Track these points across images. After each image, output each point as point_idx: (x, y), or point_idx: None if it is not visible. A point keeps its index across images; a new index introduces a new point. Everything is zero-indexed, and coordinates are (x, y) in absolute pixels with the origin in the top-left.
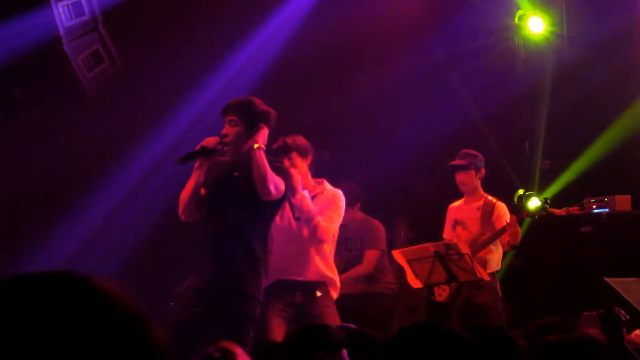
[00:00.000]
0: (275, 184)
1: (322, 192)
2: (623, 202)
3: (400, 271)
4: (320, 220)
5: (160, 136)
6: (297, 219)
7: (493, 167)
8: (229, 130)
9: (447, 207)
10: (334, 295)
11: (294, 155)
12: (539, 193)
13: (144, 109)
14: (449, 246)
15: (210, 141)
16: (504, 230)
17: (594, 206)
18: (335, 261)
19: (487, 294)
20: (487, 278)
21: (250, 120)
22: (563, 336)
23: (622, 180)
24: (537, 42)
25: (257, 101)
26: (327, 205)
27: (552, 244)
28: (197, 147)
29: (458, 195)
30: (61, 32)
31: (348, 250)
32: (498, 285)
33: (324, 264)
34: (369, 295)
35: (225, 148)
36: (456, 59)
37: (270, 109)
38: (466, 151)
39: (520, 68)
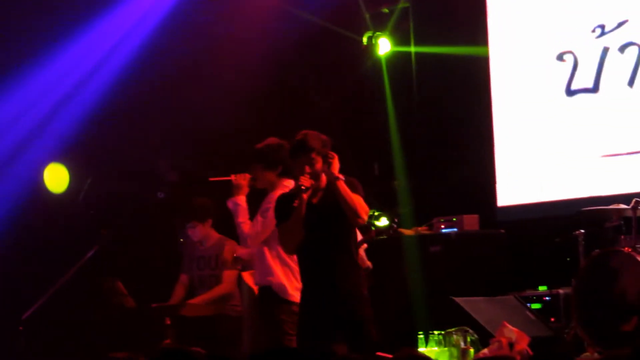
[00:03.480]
0: (366, 209)
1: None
2: (471, 221)
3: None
4: (244, 227)
5: None
6: None
7: None
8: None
9: None
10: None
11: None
12: (388, 213)
13: None
14: None
15: (306, 181)
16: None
17: (443, 226)
18: (182, 279)
19: None
20: None
21: (323, 153)
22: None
23: (470, 200)
24: (388, 62)
25: (317, 134)
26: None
27: (402, 264)
28: (300, 188)
29: None
30: None
31: (199, 269)
32: None
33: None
34: (216, 317)
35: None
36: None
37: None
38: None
39: (370, 89)
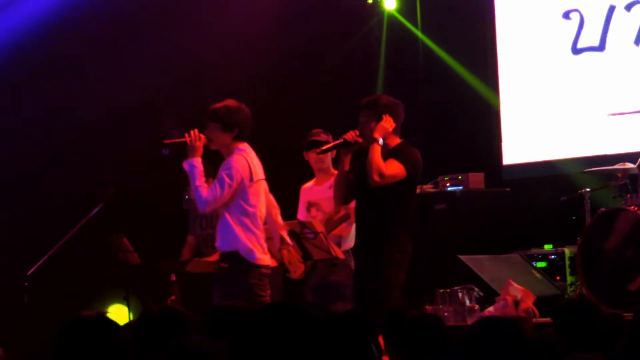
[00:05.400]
0: (380, 172)
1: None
2: (476, 179)
3: None
4: (202, 190)
5: None
6: None
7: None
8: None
9: (300, 186)
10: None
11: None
12: None
13: None
14: (304, 224)
15: (349, 134)
16: (348, 215)
17: (448, 184)
18: (189, 240)
19: (342, 271)
20: (341, 256)
21: (378, 115)
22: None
23: (476, 158)
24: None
25: (384, 97)
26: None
27: None
28: (339, 140)
29: (309, 175)
30: None
31: (202, 229)
32: (353, 263)
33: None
34: None
35: (360, 140)
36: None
37: (397, 101)
38: (318, 130)
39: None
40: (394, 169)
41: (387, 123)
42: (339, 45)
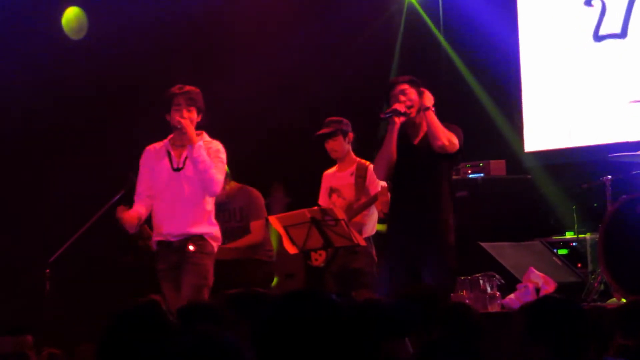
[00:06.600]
0: (448, 136)
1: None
2: (498, 167)
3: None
4: (214, 172)
5: None
6: (176, 170)
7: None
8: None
9: (322, 172)
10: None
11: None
12: None
13: None
14: (325, 212)
15: (400, 105)
16: (376, 198)
17: (469, 171)
18: None
19: (363, 259)
20: (363, 243)
21: (419, 89)
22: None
23: (497, 145)
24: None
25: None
26: (213, 158)
27: None
28: (392, 108)
29: (332, 162)
30: None
31: (225, 222)
32: (374, 251)
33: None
34: (248, 262)
35: (409, 112)
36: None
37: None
38: (330, 119)
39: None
40: (455, 137)
41: (431, 95)
42: (358, 31)
